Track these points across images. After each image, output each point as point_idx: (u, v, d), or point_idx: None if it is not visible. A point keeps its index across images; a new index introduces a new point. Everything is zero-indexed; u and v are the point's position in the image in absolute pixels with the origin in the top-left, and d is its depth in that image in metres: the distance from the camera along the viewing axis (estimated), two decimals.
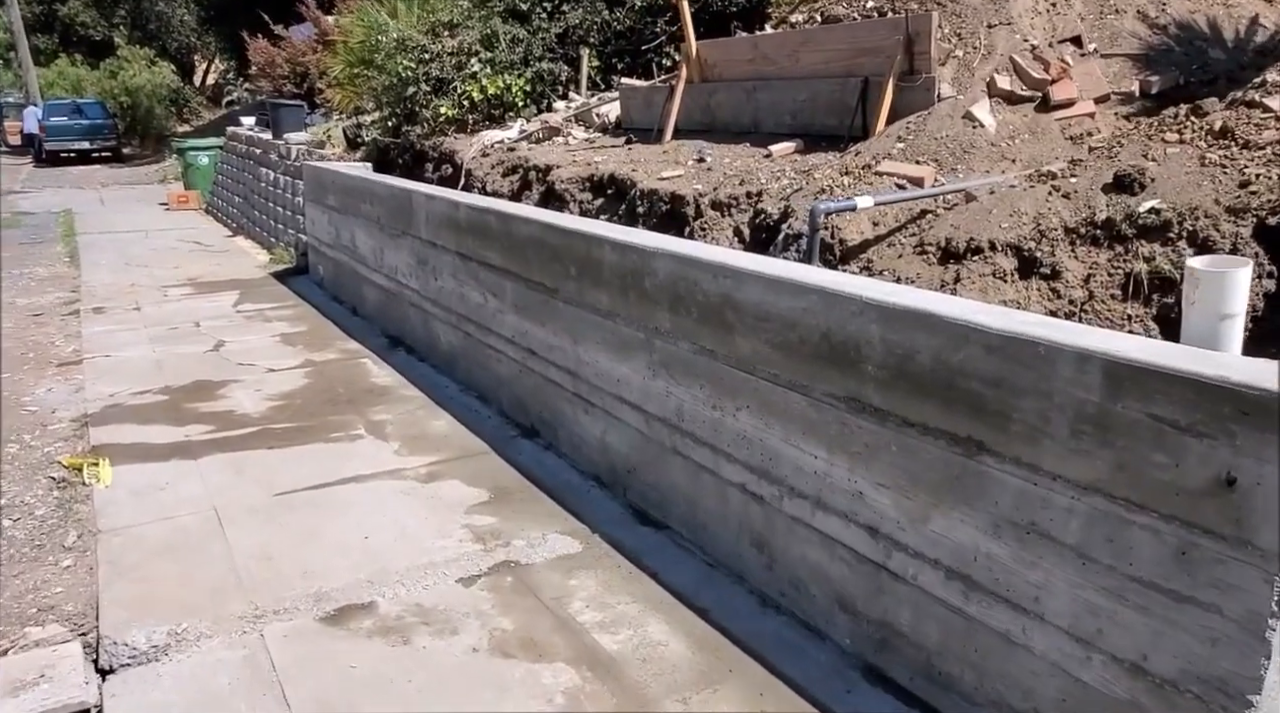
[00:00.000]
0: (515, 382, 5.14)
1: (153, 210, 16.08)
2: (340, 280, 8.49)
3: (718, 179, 5.44)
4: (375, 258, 7.36)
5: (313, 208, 9.16)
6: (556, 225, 4.51)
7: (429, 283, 6.27)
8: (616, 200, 6.18)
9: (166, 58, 33.02)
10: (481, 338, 5.53)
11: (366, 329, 7.43)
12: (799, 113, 5.84)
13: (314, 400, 5.68)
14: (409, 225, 6.52)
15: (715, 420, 3.48)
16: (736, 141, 6.22)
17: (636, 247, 3.84)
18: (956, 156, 4.49)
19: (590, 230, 4.23)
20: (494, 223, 5.18)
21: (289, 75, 15.01)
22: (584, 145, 7.57)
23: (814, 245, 3.86)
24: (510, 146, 8.11)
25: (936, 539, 2.60)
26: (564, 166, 6.91)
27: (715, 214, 5.11)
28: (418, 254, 6.42)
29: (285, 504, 4.19)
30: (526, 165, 7.37)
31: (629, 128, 7.72)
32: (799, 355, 3.02)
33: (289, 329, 7.55)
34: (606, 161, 6.65)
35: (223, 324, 7.72)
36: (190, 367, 6.42)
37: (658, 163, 6.20)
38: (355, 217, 7.77)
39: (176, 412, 5.48)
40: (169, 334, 7.38)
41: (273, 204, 11.55)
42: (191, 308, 8.36)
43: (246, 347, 6.99)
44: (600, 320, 4.17)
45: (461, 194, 6.11)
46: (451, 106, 8.94)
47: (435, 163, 9.06)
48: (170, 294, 9.01)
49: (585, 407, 4.41)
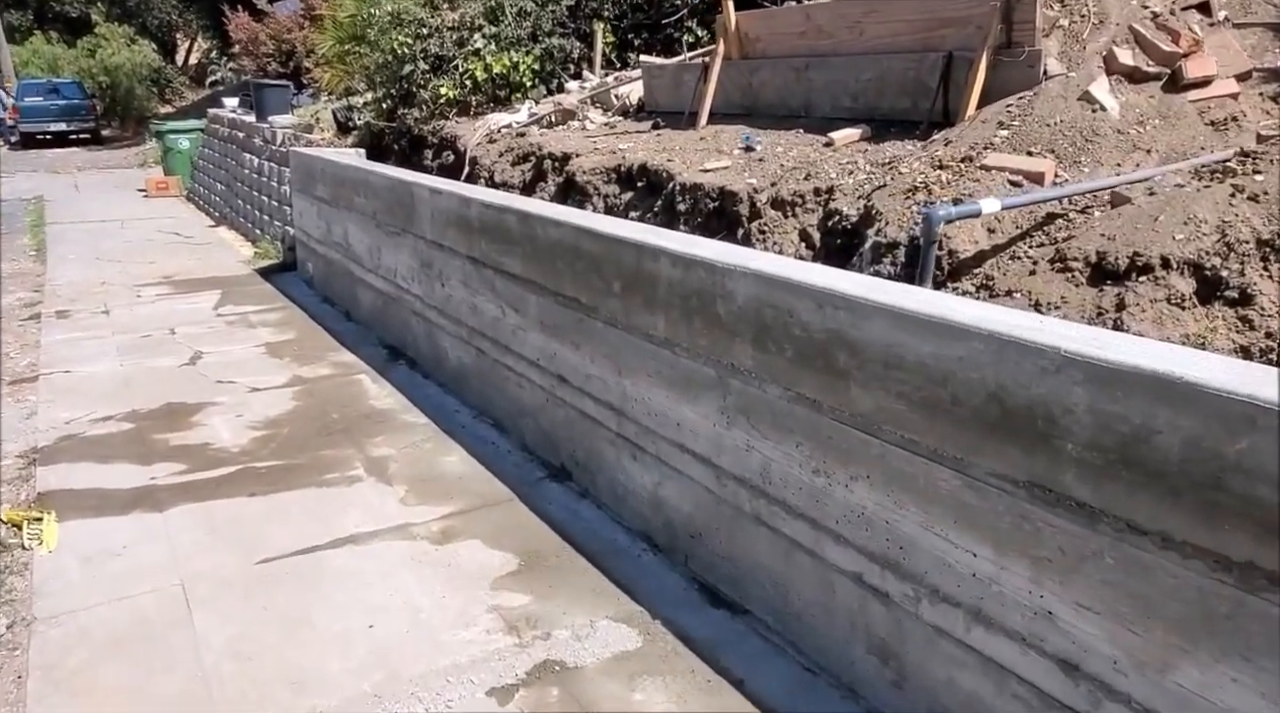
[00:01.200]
0: (541, 412, 4.38)
1: (130, 197, 15.17)
2: (332, 280, 7.68)
3: (774, 172, 4.66)
4: (371, 257, 6.56)
5: (301, 199, 8.33)
6: (596, 230, 3.73)
7: (434, 290, 5.48)
8: (649, 195, 5.39)
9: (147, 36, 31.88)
10: (498, 357, 4.76)
11: (362, 337, 6.64)
12: (862, 94, 5.06)
13: (304, 429, 4.90)
14: (410, 223, 5.72)
15: (818, 489, 2.73)
16: (785, 127, 5.43)
17: (705, 261, 3.07)
18: (1077, 147, 3.72)
19: (641, 238, 3.45)
20: (514, 224, 4.40)
21: (274, 54, 14.10)
22: (604, 131, 6.77)
23: (929, 261, 3.10)
24: (520, 131, 7.30)
25: (1186, 699, 1.85)
26: (585, 155, 6.12)
27: (776, 215, 4.34)
28: (421, 256, 5.63)
29: (269, 576, 3.42)
30: (540, 153, 6.57)
31: (654, 111, 6.91)
32: (951, 419, 2.27)
33: (275, 337, 6.75)
34: (634, 149, 5.86)
35: (202, 331, 6.92)
36: (162, 385, 5.63)
37: (696, 152, 5.41)
38: (348, 210, 6.96)
39: (143, 445, 4.69)
40: (140, 343, 6.58)
41: (257, 193, 10.70)
42: (167, 311, 7.54)
43: (227, 359, 6.19)
44: (654, 349, 3.41)
45: (472, 188, 5.32)
46: (453, 87, 8.11)
47: (435, 149, 8.24)
48: (144, 295, 8.18)
49: (633, 451, 3.65)
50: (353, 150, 8.60)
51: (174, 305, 7.75)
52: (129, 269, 9.33)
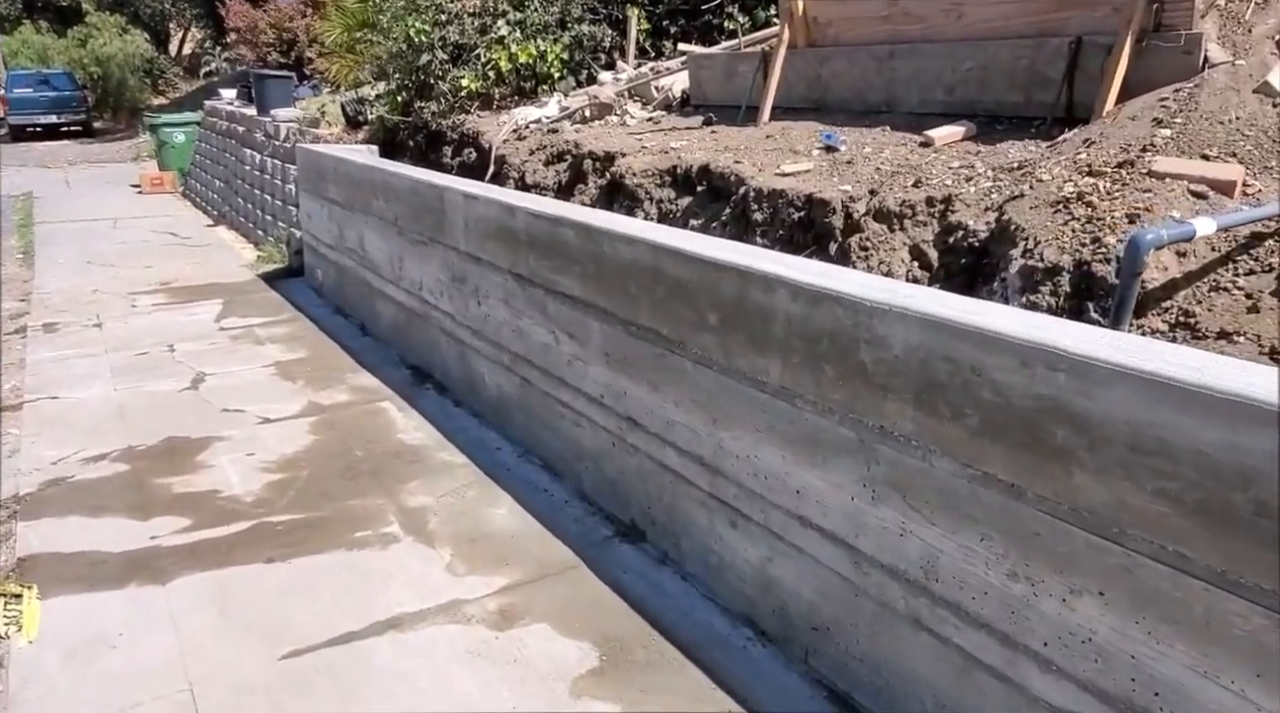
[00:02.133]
0: (605, 458, 3.76)
1: (123, 194, 14.50)
2: (345, 290, 7.05)
3: (868, 177, 4.04)
4: (392, 267, 5.93)
5: (310, 200, 7.69)
6: (684, 251, 3.11)
7: (469, 307, 4.86)
8: (712, 201, 4.76)
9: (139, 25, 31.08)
10: (549, 390, 4.14)
11: (382, 355, 6.01)
12: (961, 86, 4.43)
13: (326, 471, 4.28)
14: (439, 231, 5.09)
15: (1014, 598, 2.12)
16: (864, 123, 4.81)
17: (844, 297, 2.45)
18: (1264, 149, 3.11)
19: (748, 264, 2.82)
20: (573, 239, 3.77)
21: (274, 42, 13.41)
22: (648, 127, 6.14)
23: (1128, 297, 2.46)
24: (551, 127, 6.67)
25: None
26: (632, 155, 5.49)
27: (880, 228, 3.71)
28: (453, 269, 5.00)
29: (297, 678, 2.80)
30: (579, 152, 5.94)
31: (701, 105, 6.29)
32: (1253, 534, 1.66)
33: (286, 355, 6.12)
34: (689, 149, 5.23)
35: (203, 347, 6.28)
36: (161, 415, 5.00)
37: (765, 152, 4.78)
38: (365, 214, 6.32)
39: (141, 493, 4.06)
40: (136, 363, 5.94)
41: (259, 191, 10.04)
42: (165, 324, 6.90)
43: (234, 382, 5.56)
44: (766, 400, 2.79)
45: (516, 195, 4.68)
46: (474, 78, 7.46)
47: (455, 146, 7.59)
48: (140, 304, 7.53)
49: (732, 517, 3.04)
50: (364, 147, 7.95)
51: (172, 317, 7.11)
52: (123, 274, 8.68)
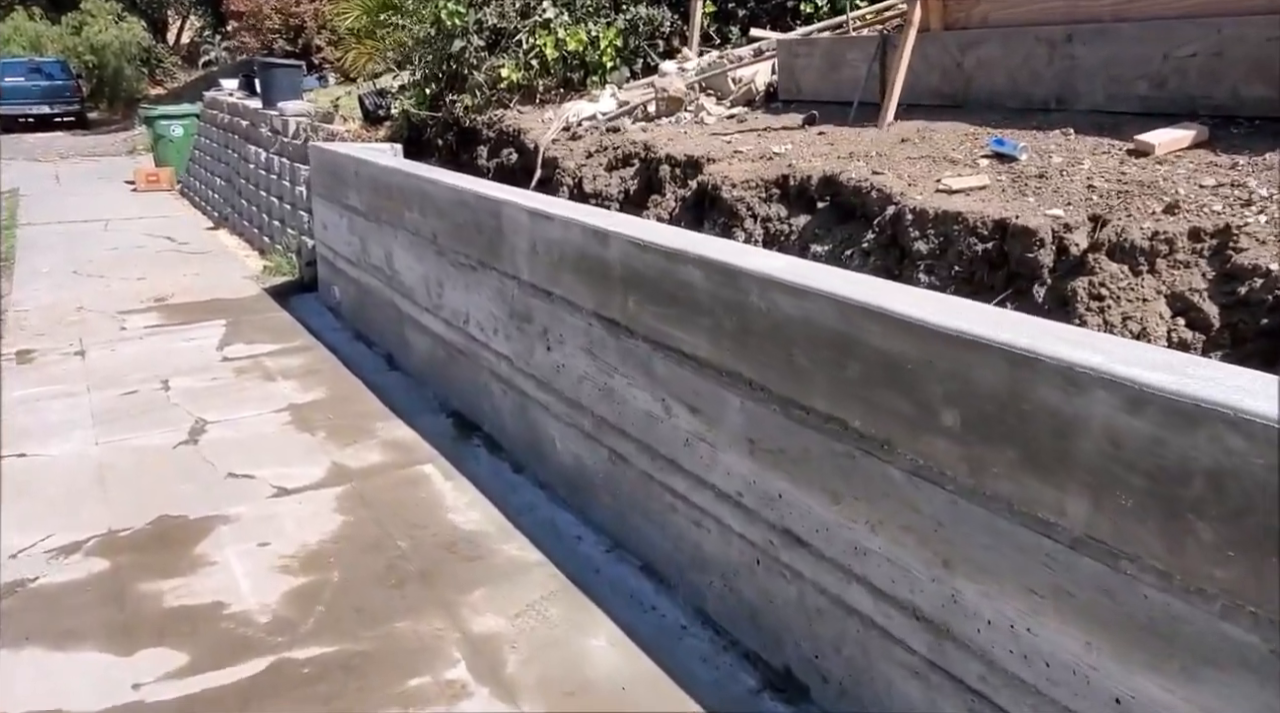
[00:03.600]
0: (743, 577, 2.81)
1: (117, 191, 13.51)
2: (368, 312, 6.09)
3: (1079, 197, 3.08)
4: (429, 293, 4.97)
5: (325, 207, 6.72)
6: (903, 317, 2.15)
7: (534, 353, 3.90)
8: (841, 222, 3.80)
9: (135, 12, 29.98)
10: (653, 472, 3.19)
11: (415, 397, 5.06)
12: (1175, 77, 3.47)
13: (362, 572, 3.33)
14: (494, 255, 4.14)
15: None
16: (1032, 125, 3.84)
17: (1244, 417, 1.50)
18: None
19: (1033, 347, 1.86)
20: (701, 282, 2.81)
21: (280, 29, 12.42)
22: (733, 126, 5.17)
23: None
24: (610, 125, 5.70)
25: None
26: (722, 160, 4.52)
27: (1117, 270, 2.75)
28: (512, 303, 4.04)
29: None
30: (651, 156, 4.97)
31: (794, 100, 5.32)
32: None
33: (302, 394, 5.16)
34: (798, 154, 4.26)
35: (203, 384, 5.32)
36: (152, 482, 4.05)
37: (907, 160, 3.82)
38: (394, 227, 5.36)
39: (122, 608, 3.11)
40: (123, 405, 4.98)
41: (265, 193, 9.07)
42: (159, 351, 5.94)
43: (239, 433, 4.60)
44: (1058, 551, 1.84)
45: (607, 217, 3.71)
46: (515, 68, 6.49)
47: (492, 146, 6.62)
48: (130, 326, 6.57)
49: (975, 706, 2.09)
50: (386, 146, 6.98)
51: (168, 342, 6.15)
52: (113, 287, 7.71)
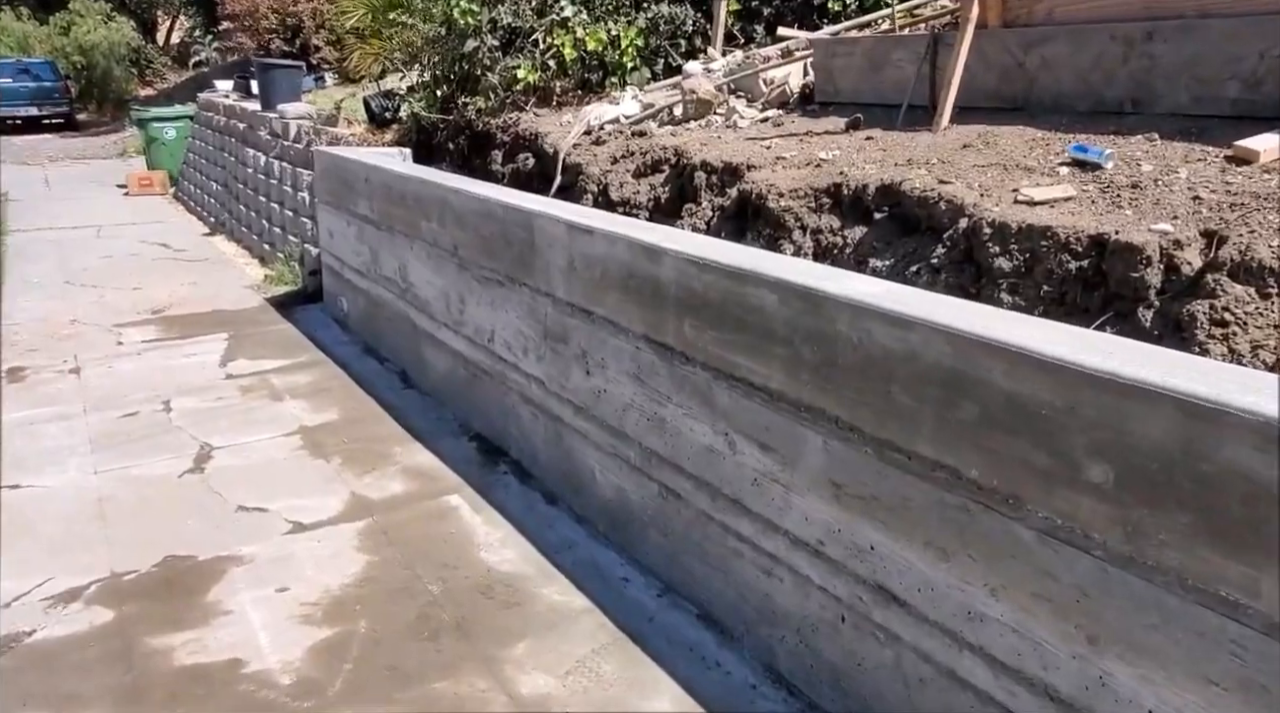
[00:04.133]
0: (824, 634, 2.53)
1: (109, 196, 13.15)
2: (379, 326, 5.79)
3: (1184, 209, 2.81)
4: (448, 308, 4.68)
5: (331, 215, 6.42)
6: (1043, 357, 1.88)
7: (570, 376, 3.62)
8: (902, 235, 3.52)
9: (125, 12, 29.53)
10: (714, 512, 2.91)
11: (434, 418, 4.77)
12: (1271, 78, 3.21)
13: (392, 623, 3.03)
14: (525, 270, 3.85)
15: None
16: (1108, 129, 3.58)
17: None
18: None
19: (1223, 399, 1.59)
20: (775, 307, 2.54)
21: (277, 29, 12.08)
22: (770, 131, 4.89)
23: None
24: (636, 128, 5.42)
25: None
26: (764, 167, 4.24)
27: (1243, 292, 2.48)
28: (545, 322, 3.76)
29: None
30: (684, 161, 4.68)
31: (833, 102, 5.05)
32: None
33: (312, 415, 4.86)
34: (847, 161, 3.99)
35: (207, 404, 5.02)
36: (157, 517, 3.75)
37: (974, 168, 3.54)
38: (408, 237, 5.07)
39: (129, 668, 2.81)
40: (123, 429, 4.68)
41: (265, 199, 8.76)
42: (159, 368, 5.63)
43: (249, 459, 4.31)
44: (1248, 637, 1.57)
45: (654, 231, 3.41)
46: (531, 69, 6.20)
47: (506, 150, 6.33)
48: (127, 340, 6.26)
49: None
50: (395, 150, 6.69)
51: (167, 359, 5.84)
52: (108, 298, 7.39)
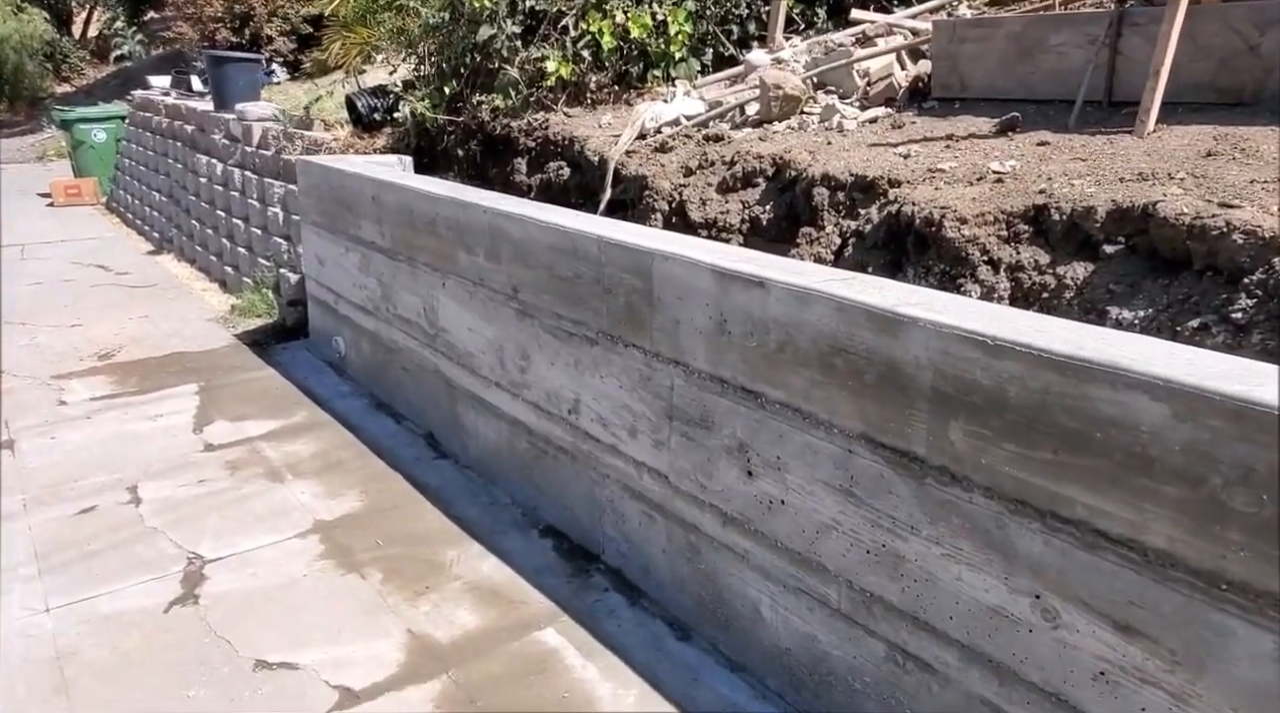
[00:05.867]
0: None
1: (31, 207, 11.68)
2: (393, 377, 4.73)
3: None
4: (501, 364, 3.67)
5: (322, 238, 5.32)
6: None
7: (716, 474, 2.66)
8: (1162, 277, 2.65)
9: (36, 3, 27.39)
10: (1003, 702, 1.99)
11: (483, 500, 3.76)
12: None
13: None
14: (634, 327, 2.88)
15: None
16: None
17: None
18: None
19: None
20: (1160, 423, 1.62)
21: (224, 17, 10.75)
22: (894, 134, 3.97)
23: None
24: (709, 132, 4.46)
25: None
26: (915, 181, 3.32)
27: None
28: (671, 399, 2.79)
29: None
30: (792, 174, 3.75)
31: (957, 98, 4.16)
32: None
33: (328, 504, 3.81)
34: (1033, 173, 3.10)
35: (187, 491, 3.93)
36: (141, 682, 2.68)
37: (1257, 185, 2.68)
38: (438, 272, 4.05)
39: None
40: (79, 535, 3.57)
41: (224, 213, 7.56)
42: (116, 439, 4.49)
43: (257, 579, 3.25)
44: None
45: (877, 289, 2.41)
46: (563, 61, 5.19)
47: (534, 158, 5.32)
48: (72, 397, 5.08)
49: None
50: (391, 158, 5.63)
51: (125, 423, 4.70)
52: (41, 339, 6.16)
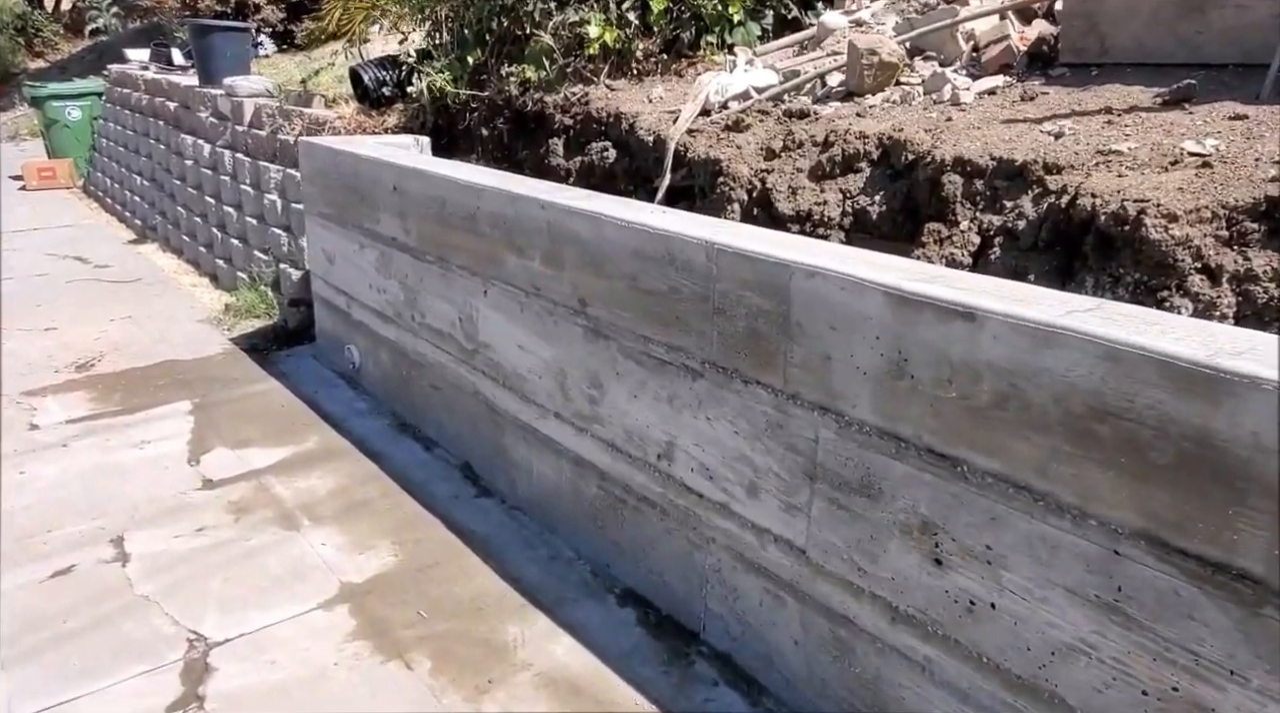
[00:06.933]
0: None
1: (1, 191, 10.88)
2: (420, 394, 4.08)
3: None
4: (563, 391, 3.03)
5: (332, 231, 4.65)
6: None
7: (884, 557, 2.04)
8: None
9: None
10: None
11: (540, 551, 3.14)
12: None
13: None
14: (763, 362, 2.24)
15: None
16: None
17: None
18: None
19: None
20: None
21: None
22: (1028, 107, 3.31)
23: None
24: (790, 107, 3.80)
25: None
26: (1079, 166, 2.69)
27: None
28: (816, 454, 2.16)
29: None
30: (907, 157, 3.11)
31: (1096, 63, 3.50)
32: None
33: (356, 560, 3.17)
34: (1246, 156, 2.47)
35: (183, 545, 3.28)
36: None
37: None
38: (479, 277, 3.39)
39: None
40: (51, 606, 2.92)
41: (214, 200, 6.84)
42: (97, 473, 3.83)
43: (275, 671, 2.62)
44: None
45: (1204, 332, 1.81)
46: (606, 24, 4.50)
47: (571, 137, 4.64)
48: (45, 419, 4.41)
49: None
50: (406, 139, 4.94)
51: (108, 452, 4.03)
52: (11, 345, 5.47)
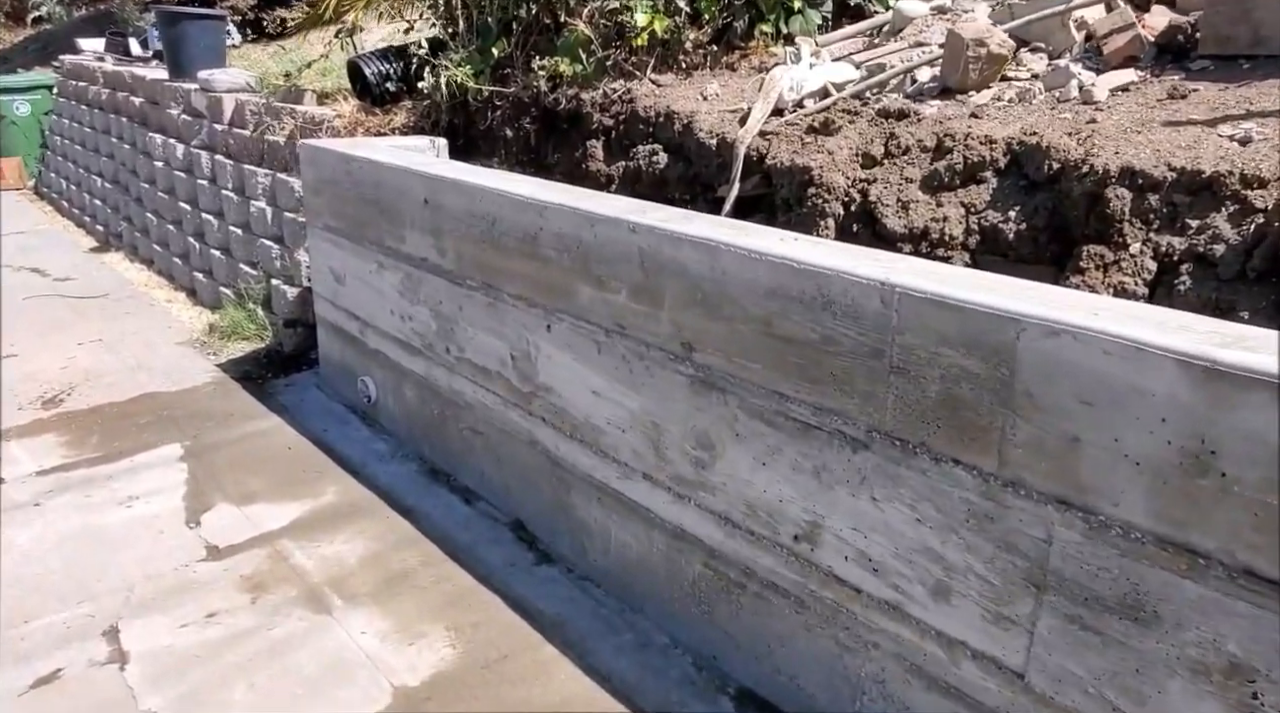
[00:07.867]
0: None
1: None
2: (456, 437, 3.52)
3: None
4: (656, 450, 2.51)
5: (341, 248, 4.07)
6: None
7: (1168, 705, 1.57)
8: None
9: None
10: None
11: (626, 637, 2.64)
12: None
13: None
14: (969, 436, 1.76)
15: None
16: None
17: None
18: None
19: None
20: None
21: None
22: (1183, 105, 2.85)
23: None
24: (884, 107, 3.31)
25: None
26: None
27: None
28: (1048, 559, 1.67)
29: None
30: (1056, 167, 2.64)
31: (1243, 54, 3.04)
32: None
33: (408, 658, 2.63)
34: None
35: (191, 637, 2.72)
36: None
37: None
38: (542, 310, 2.87)
39: None
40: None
41: (190, 206, 6.19)
42: (79, 540, 3.23)
43: None
44: None
45: None
46: (655, 12, 3.97)
47: (611, 139, 4.12)
48: (13, 471, 3.78)
49: None
50: (421, 141, 4.38)
51: (90, 513, 3.43)
52: None
